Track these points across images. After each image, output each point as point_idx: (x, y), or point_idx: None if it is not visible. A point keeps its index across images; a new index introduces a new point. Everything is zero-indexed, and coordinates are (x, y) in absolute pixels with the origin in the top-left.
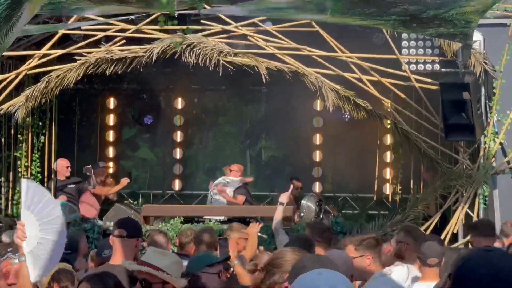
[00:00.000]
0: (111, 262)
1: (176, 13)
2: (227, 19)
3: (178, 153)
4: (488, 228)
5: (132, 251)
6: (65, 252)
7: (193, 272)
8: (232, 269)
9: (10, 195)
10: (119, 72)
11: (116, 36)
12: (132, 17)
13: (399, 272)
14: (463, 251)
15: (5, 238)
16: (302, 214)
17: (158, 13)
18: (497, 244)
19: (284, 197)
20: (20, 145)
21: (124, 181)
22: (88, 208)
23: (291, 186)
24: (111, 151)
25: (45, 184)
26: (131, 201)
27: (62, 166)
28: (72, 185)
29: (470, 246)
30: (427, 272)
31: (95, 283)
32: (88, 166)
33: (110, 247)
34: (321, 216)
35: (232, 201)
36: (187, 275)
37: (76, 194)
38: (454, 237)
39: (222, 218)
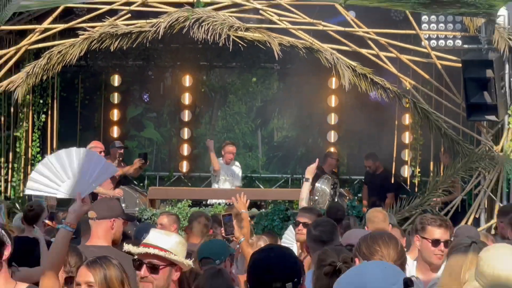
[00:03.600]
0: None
1: None
2: None
3: (185, 133)
4: None
5: (107, 232)
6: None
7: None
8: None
9: (9, 176)
10: (124, 47)
11: (121, 10)
12: None
13: None
14: None
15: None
16: (316, 198)
17: None
18: None
19: (309, 172)
20: (20, 124)
21: (137, 162)
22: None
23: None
24: (115, 131)
25: None
26: (136, 184)
27: (97, 151)
28: None
29: (493, 231)
30: None
31: (94, 267)
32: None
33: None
34: (336, 200)
35: None
36: None
37: None
38: (477, 222)
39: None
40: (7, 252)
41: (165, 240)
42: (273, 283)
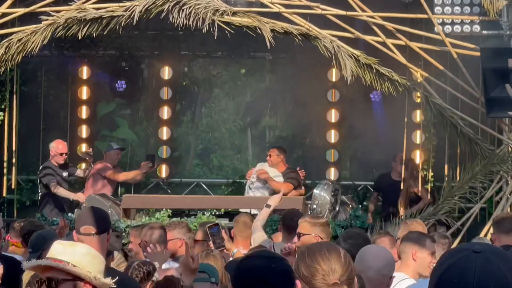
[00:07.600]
0: None
1: None
2: None
3: (164, 133)
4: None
5: (104, 248)
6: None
7: None
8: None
9: None
10: (94, 35)
11: None
12: None
13: None
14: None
15: None
16: (315, 206)
17: None
18: None
19: (274, 201)
20: None
21: (145, 165)
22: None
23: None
24: (84, 131)
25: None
26: None
27: (56, 151)
28: (66, 174)
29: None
30: None
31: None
32: (89, 150)
33: None
34: (337, 209)
35: (278, 187)
36: None
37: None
38: None
39: (218, 211)
40: None
41: (69, 252)
42: None
